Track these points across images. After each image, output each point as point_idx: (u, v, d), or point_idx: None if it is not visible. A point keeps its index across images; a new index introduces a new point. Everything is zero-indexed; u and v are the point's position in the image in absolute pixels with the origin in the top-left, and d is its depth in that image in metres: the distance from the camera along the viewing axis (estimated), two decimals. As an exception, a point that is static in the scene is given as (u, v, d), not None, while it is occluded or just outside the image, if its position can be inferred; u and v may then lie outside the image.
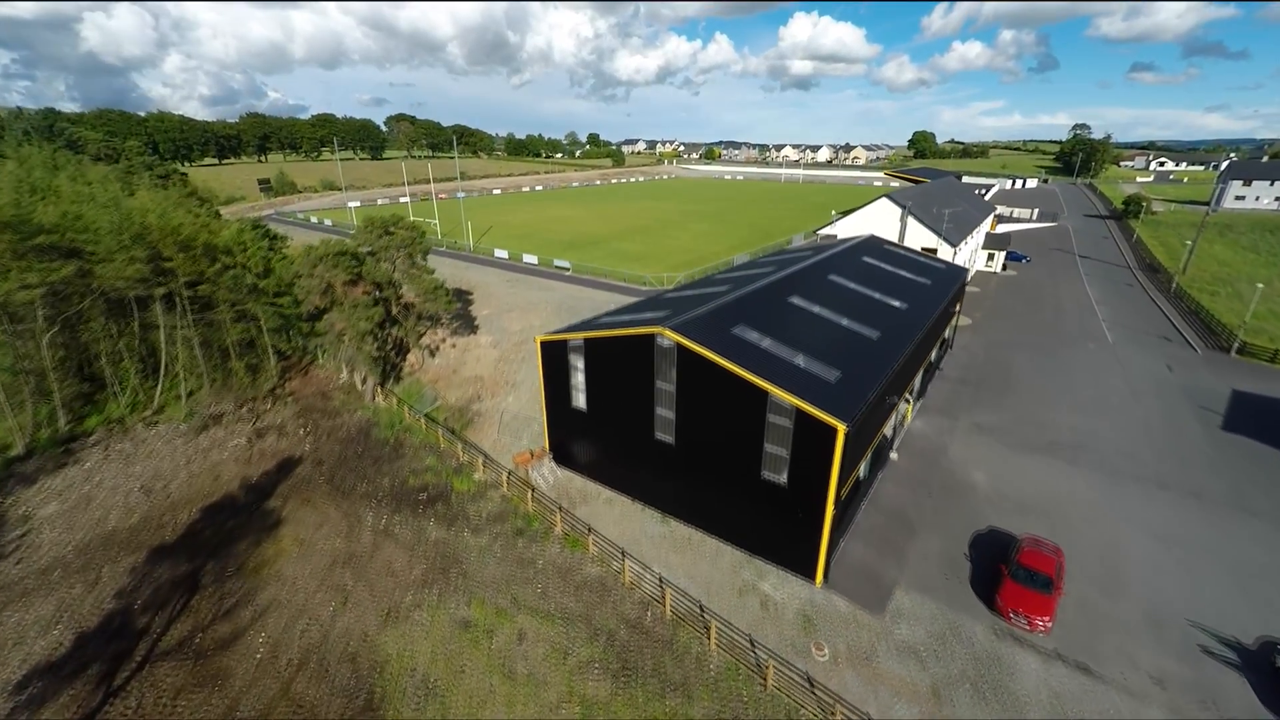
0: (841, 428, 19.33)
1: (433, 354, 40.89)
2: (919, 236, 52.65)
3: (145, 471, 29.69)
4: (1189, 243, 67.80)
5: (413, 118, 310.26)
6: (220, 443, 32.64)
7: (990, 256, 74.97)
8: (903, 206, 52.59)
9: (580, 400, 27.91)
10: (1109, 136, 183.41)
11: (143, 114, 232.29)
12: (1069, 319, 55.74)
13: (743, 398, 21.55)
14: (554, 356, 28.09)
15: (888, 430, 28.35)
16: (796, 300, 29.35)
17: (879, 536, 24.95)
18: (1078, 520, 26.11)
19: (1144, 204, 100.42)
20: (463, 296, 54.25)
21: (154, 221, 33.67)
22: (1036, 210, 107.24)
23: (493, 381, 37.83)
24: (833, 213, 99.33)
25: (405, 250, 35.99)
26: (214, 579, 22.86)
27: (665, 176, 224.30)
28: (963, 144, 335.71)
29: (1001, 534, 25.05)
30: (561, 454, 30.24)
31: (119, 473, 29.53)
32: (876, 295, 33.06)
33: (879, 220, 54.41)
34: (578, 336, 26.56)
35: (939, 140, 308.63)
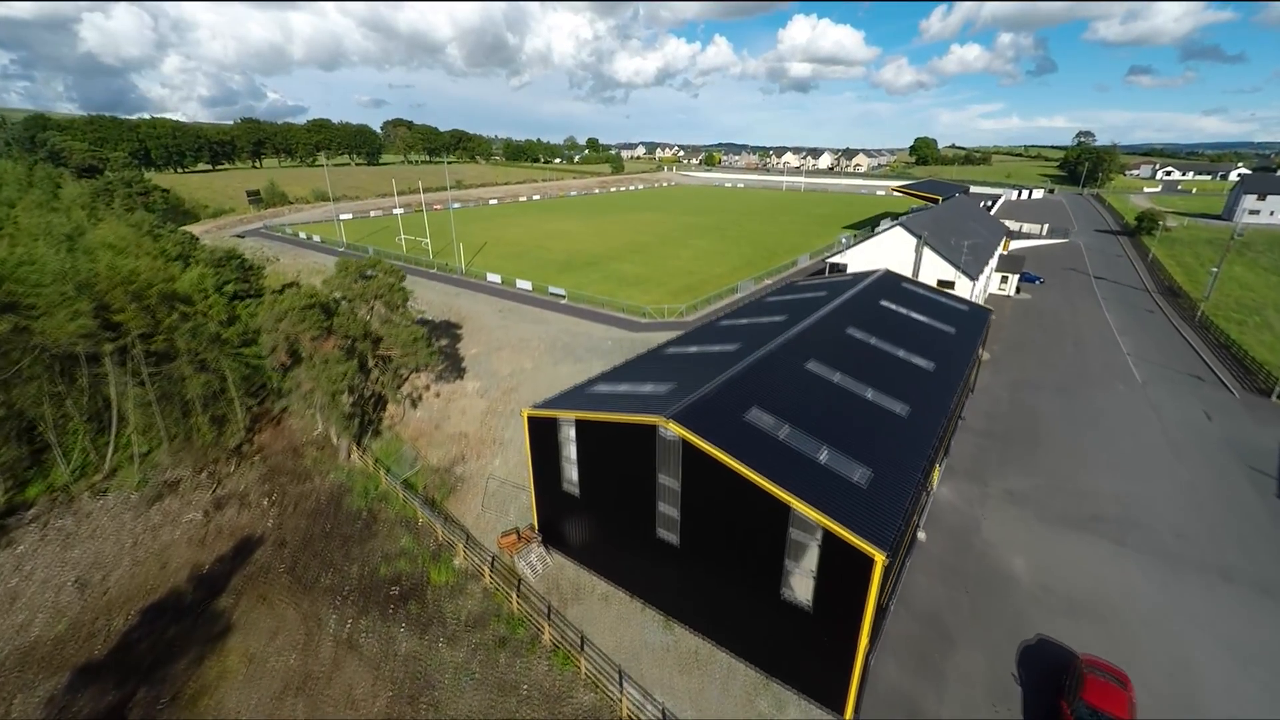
0: (880, 558, 16.19)
1: (415, 404, 37.72)
2: (935, 268, 49.63)
3: (84, 557, 26.44)
4: (1214, 270, 64.79)
5: (410, 123, 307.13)
6: (173, 517, 29.39)
7: (1004, 279, 72.00)
8: (918, 236, 49.55)
9: (572, 484, 24.75)
10: (1115, 145, 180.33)
11: (135, 119, 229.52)
12: (1092, 353, 52.69)
13: (759, 506, 18.41)
14: (543, 433, 24.94)
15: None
16: (814, 366, 26.21)
17: (913, 650, 21.80)
18: (1137, 625, 23.00)
19: (1158, 221, 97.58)
20: (450, 330, 51.12)
21: (103, 269, 30.47)
22: (1046, 226, 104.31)
23: (478, 439, 34.64)
24: (842, 240, 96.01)
25: (383, 298, 32.81)
26: (143, 713, 19.62)
27: (665, 184, 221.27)
28: (964, 150, 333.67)
29: (1053, 646, 21.92)
30: (552, 534, 27.09)
31: (54, 559, 26.28)
32: (900, 353, 29.95)
33: (893, 250, 51.36)
34: (569, 415, 23.40)
35: (940, 145, 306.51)
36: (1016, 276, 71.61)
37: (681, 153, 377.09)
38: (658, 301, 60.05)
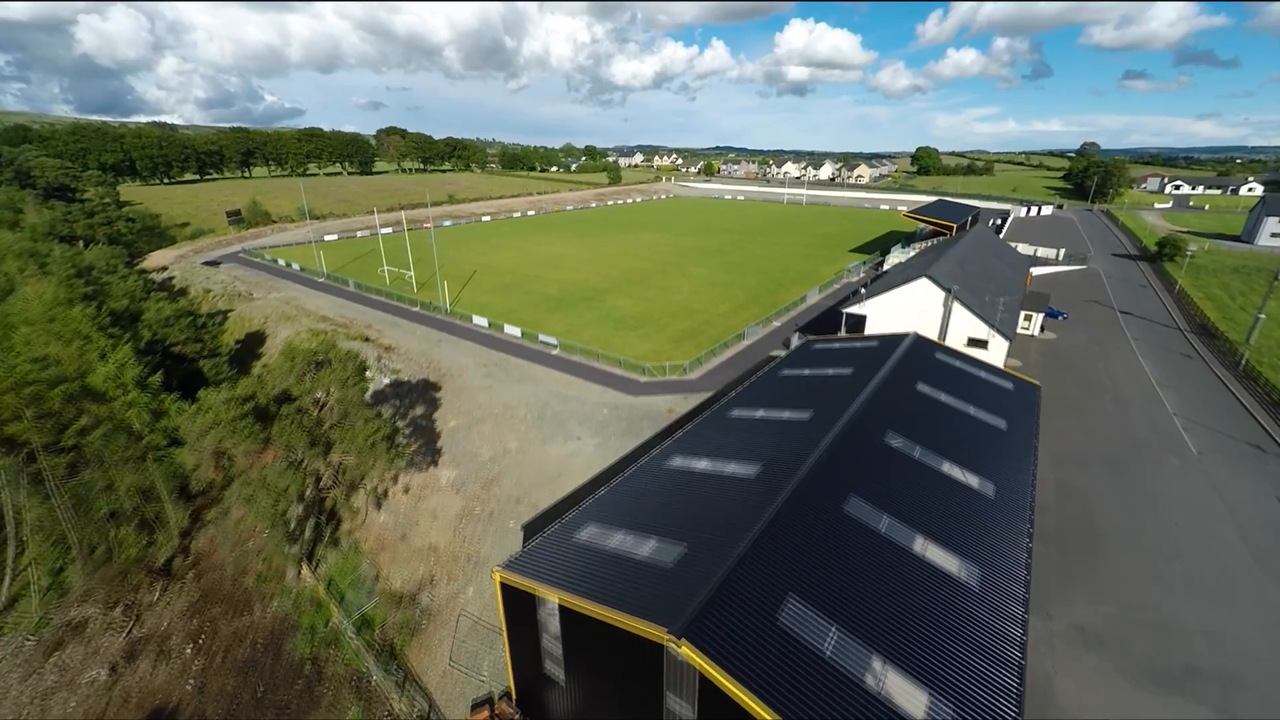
0: None
1: (379, 504, 32.56)
2: (966, 325, 44.81)
3: (-53, 749, 21.20)
4: (1260, 316, 59.96)
5: (403, 131, 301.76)
6: (73, 676, 24.17)
7: (1027, 317, 67.18)
8: (947, 290, 44.68)
9: (556, 667, 19.69)
10: (1124, 161, 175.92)
11: (118, 127, 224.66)
12: (1134, 413, 47.82)
13: (807, 778, 13.40)
14: (519, 604, 19.86)
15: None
16: (855, 509, 21.20)
17: None
18: None
19: (1180, 247, 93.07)
20: (427, 394, 45.96)
21: (-7, 369, 25.28)
22: (1062, 250, 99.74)
23: (450, 556, 29.50)
24: (851, 268, 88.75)
25: (336, 394, 27.73)
26: None
27: (663, 196, 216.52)
28: (967, 157, 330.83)
29: None
30: (532, 707, 22.00)
31: (-91, 752, 21.03)
32: (953, 470, 24.99)
33: (917, 303, 46.51)
34: (551, 595, 18.31)
35: (940, 150, 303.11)
36: (1041, 315, 66.89)
37: (680, 161, 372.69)
38: (658, 350, 55.11)
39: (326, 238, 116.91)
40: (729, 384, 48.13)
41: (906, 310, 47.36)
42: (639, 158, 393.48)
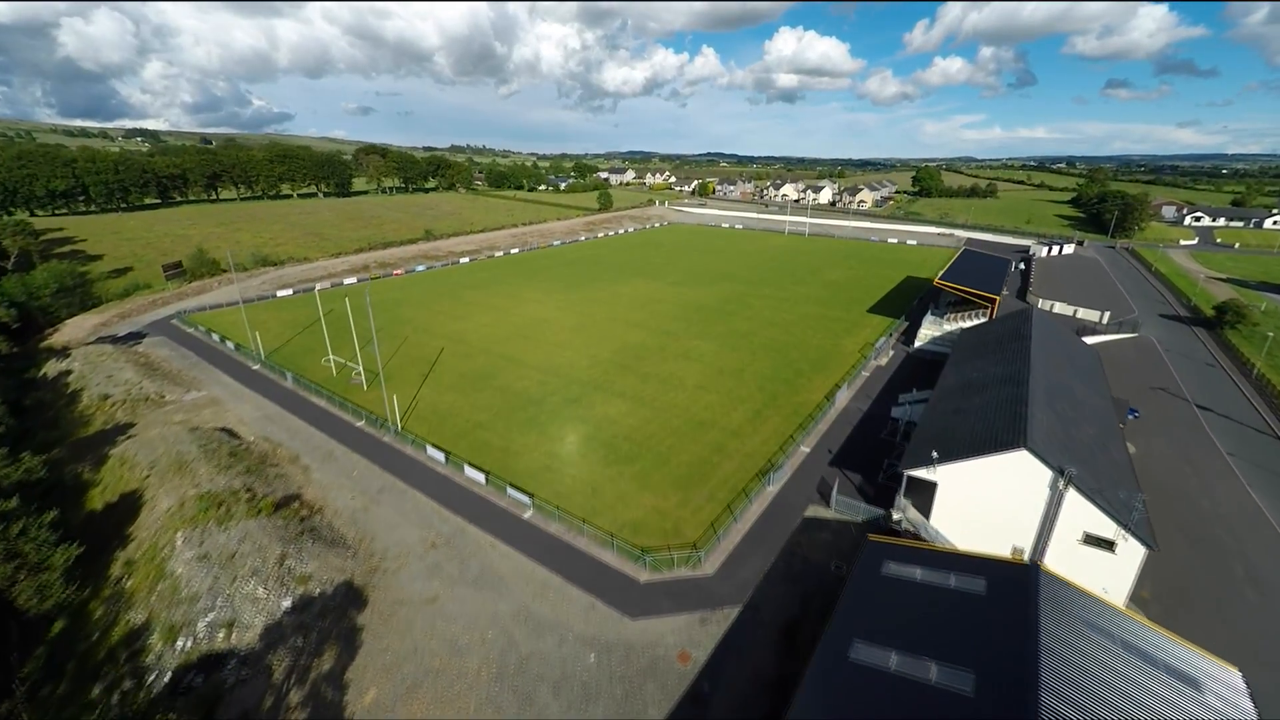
0: None
1: None
2: (1081, 515, 32.97)
3: None
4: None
5: (384, 150, 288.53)
6: None
7: (1100, 427, 55.62)
8: (1056, 471, 32.81)
9: None
10: (1146, 192, 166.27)
11: (71, 151, 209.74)
12: (1288, 605, 36.17)
13: None
14: None
15: None
16: None
17: None
18: None
19: (1245, 315, 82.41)
20: (344, 619, 33.08)
21: None
22: (1107, 314, 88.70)
23: None
24: (879, 345, 72.61)
25: None
26: None
27: (657, 224, 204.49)
28: (964, 173, 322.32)
29: None
30: None
31: None
32: None
33: (1009, 478, 34.63)
34: None
35: (930, 158, 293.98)
36: (1120, 426, 55.45)
37: (673, 179, 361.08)
38: (659, 505, 42.84)
39: (280, 293, 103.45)
40: (760, 583, 35.89)
41: (991, 482, 35.49)
42: (630, 174, 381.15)
